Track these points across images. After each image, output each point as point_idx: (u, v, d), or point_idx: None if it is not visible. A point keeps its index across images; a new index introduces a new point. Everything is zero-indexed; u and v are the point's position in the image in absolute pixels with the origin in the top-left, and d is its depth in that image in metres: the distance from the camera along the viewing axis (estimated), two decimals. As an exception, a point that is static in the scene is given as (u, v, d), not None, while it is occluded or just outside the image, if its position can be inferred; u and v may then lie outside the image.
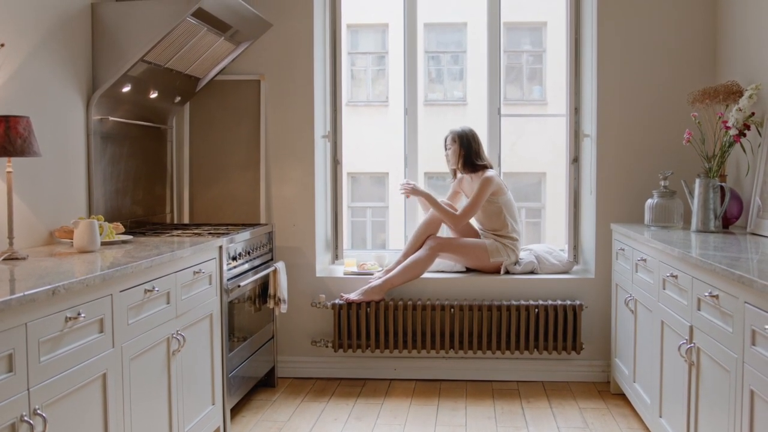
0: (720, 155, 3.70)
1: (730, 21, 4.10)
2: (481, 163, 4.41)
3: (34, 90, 3.18)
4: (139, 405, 2.72)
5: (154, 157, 4.27)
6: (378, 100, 10.90)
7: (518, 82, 10.95)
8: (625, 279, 3.89)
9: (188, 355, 3.15)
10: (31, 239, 3.16)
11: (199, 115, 4.57)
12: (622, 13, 4.31)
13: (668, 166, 4.25)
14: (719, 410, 2.53)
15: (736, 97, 3.72)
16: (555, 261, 4.52)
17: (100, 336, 2.44)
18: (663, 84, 4.32)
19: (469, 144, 4.40)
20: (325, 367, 4.53)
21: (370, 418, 3.86)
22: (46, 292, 2.08)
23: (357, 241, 10.50)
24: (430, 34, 10.87)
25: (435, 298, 4.41)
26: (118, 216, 3.79)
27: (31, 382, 2.04)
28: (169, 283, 2.95)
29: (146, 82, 3.82)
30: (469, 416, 3.87)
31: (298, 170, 4.52)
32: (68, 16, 3.45)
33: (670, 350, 3.08)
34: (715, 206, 3.61)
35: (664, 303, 3.14)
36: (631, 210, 4.31)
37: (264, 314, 4.23)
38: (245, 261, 3.89)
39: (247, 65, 4.52)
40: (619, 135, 4.34)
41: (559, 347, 4.29)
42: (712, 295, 2.54)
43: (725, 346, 2.45)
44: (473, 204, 4.32)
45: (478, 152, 4.42)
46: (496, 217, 4.38)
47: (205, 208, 4.59)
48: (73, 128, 3.48)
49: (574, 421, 3.80)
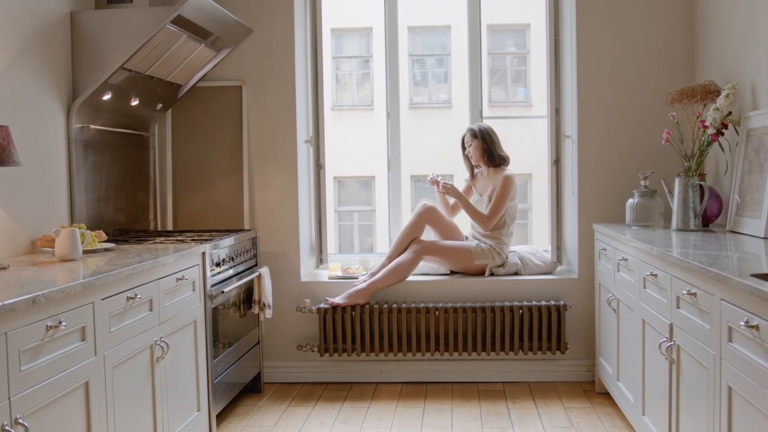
0: (699, 154, 3.73)
1: (707, 21, 4.14)
2: (504, 155, 4.46)
3: (13, 99, 3.18)
4: (123, 412, 2.72)
5: (137, 165, 4.27)
6: (363, 104, 10.91)
7: (503, 84, 11.00)
8: (607, 278, 3.92)
9: (172, 361, 3.15)
10: (13, 248, 3.15)
11: (182, 122, 4.57)
12: (601, 14, 4.34)
13: (648, 166, 4.29)
14: (699, 406, 2.56)
15: (714, 96, 3.75)
16: (539, 262, 4.54)
17: (82, 344, 2.43)
18: (642, 85, 4.36)
19: (490, 138, 4.44)
20: (311, 372, 4.54)
21: (356, 422, 3.87)
22: (26, 301, 2.08)
23: (344, 246, 10.51)
24: (414, 37, 10.90)
25: (420, 300, 4.43)
26: (100, 224, 3.79)
27: (12, 392, 2.04)
28: (152, 291, 2.95)
29: (127, 89, 3.82)
30: (455, 417, 3.89)
31: (281, 175, 4.53)
32: (47, 25, 3.45)
33: (651, 348, 3.11)
34: (695, 205, 3.65)
35: (645, 302, 3.17)
36: (613, 210, 4.34)
37: (249, 320, 4.23)
38: (229, 267, 3.89)
39: (229, 71, 4.53)
40: (599, 136, 4.38)
41: (543, 347, 4.31)
42: (690, 293, 2.57)
43: (703, 343, 2.48)
44: (499, 203, 4.36)
45: (499, 146, 4.47)
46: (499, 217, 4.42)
47: (188, 215, 4.59)
48: (53, 137, 3.47)
49: (560, 420, 3.82)
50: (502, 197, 4.37)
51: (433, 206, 4.49)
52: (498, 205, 4.37)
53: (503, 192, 4.37)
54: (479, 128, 4.47)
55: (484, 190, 4.50)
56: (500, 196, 4.37)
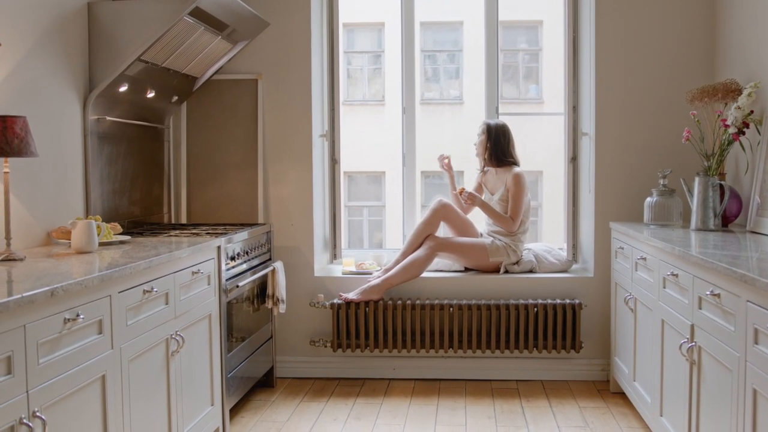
0: (719, 153, 3.69)
1: (728, 19, 4.09)
2: (508, 159, 4.41)
3: (30, 90, 3.16)
4: (138, 406, 2.70)
5: (151, 157, 4.25)
6: (374, 99, 10.88)
7: (514, 81, 10.94)
8: (624, 278, 3.88)
9: (187, 355, 3.14)
10: (28, 240, 3.14)
11: (197, 115, 4.55)
12: (621, 10, 4.30)
13: (666, 164, 4.24)
14: (721, 409, 2.52)
15: (735, 95, 3.71)
16: (554, 260, 4.51)
17: (99, 337, 2.42)
18: (662, 82, 4.31)
19: (497, 137, 4.40)
20: (324, 367, 4.52)
21: (369, 418, 3.84)
22: (45, 293, 2.06)
23: (353, 241, 10.48)
24: (426, 32, 10.85)
25: (434, 297, 4.40)
26: (115, 216, 3.77)
27: (30, 385, 2.02)
28: (168, 284, 2.93)
29: (143, 81, 3.80)
30: (468, 415, 3.86)
31: (295, 170, 4.50)
32: (65, 16, 3.43)
33: (670, 349, 3.07)
34: (715, 204, 3.61)
35: (665, 302, 3.14)
36: (630, 208, 4.30)
37: (262, 314, 4.22)
38: (243, 261, 3.87)
39: (245, 64, 4.50)
40: (617, 133, 4.34)
41: (558, 346, 4.28)
42: (713, 294, 2.53)
43: (727, 345, 2.44)
44: (517, 203, 4.33)
45: (506, 148, 4.41)
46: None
47: (202, 208, 4.57)
48: (69, 128, 3.46)
49: (574, 420, 3.79)
50: (518, 196, 4.33)
51: (448, 203, 4.46)
52: (517, 205, 4.34)
53: (518, 191, 4.34)
54: (494, 125, 4.43)
55: (494, 188, 4.46)
56: (516, 196, 4.34)
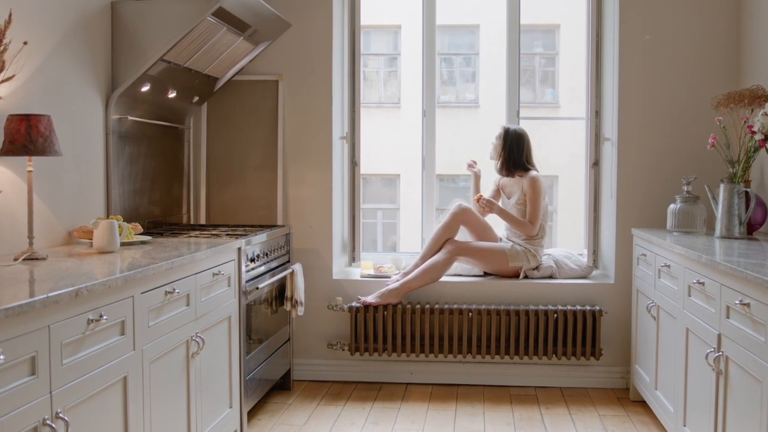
0: (745, 160, 3.64)
1: (754, 24, 4.04)
2: (519, 170, 4.37)
3: (54, 88, 3.16)
4: (159, 409, 2.69)
5: (172, 157, 4.25)
6: (390, 102, 10.87)
7: (530, 85, 10.90)
8: (646, 285, 3.84)
9: (207, 357, 3.12)
10: (50, 239, 3.13)
11: (217, 115, 4.54)
12: (644, 15, 4.26)
13: (689, 170, 4.20)
14: (749, 420, 2.48)
15: (762, 101, 3.66)
16: (574, 266, 4.47)
17: (121, 338, 2.40)
18: (685, 87, 4.27)
19: (511, 146, 4.36)
20: (341, 371, 4.50)
21: (387, 423, 3.82)
22: (70, 293, 2.05)
23: (367, 243, 10.47)
24: (442, 36, 10.82)
25: (453, 301, 4.37)
26: (135, 216, 3.77)
27: (53, 385, 2.01)
28: (189, 285, 2.92)
29: (165, 81, 3.79)
30: (487, 422, 3.83)
31: (315, 171, 4.49)
32: (88, 15, 3.43)
33: (695, 358, 3.03)
34: (740, 212, 3.56)
35: (690, 310, 3.09)
36: (651, 215, 4.26)
37: (280, 316, 4.20)
38: (263, 263, 3.85)
39: (266, 65, 4.49)
40: (640, 139, 4.30)
41: (577, 353, 4.24)
42: (743, 303, 2.49)
43: (757, 356, 2.40)
44: (536, 207, 4.30)
45: (518, 159, 4.37)
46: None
47: (221, 209, 4.56)
48: (92, 127, 3.45)
49: (594, 428, 3.75)
50: (536, 200, 4.30)
51: (467, 207, 4.43)
52: (536, 209, 4.30)
53: (535, 195, 4.30)
54: (512, 133, 4.38)
55: (511, 192, 4.43)
56: (534, 200, 4.30)
